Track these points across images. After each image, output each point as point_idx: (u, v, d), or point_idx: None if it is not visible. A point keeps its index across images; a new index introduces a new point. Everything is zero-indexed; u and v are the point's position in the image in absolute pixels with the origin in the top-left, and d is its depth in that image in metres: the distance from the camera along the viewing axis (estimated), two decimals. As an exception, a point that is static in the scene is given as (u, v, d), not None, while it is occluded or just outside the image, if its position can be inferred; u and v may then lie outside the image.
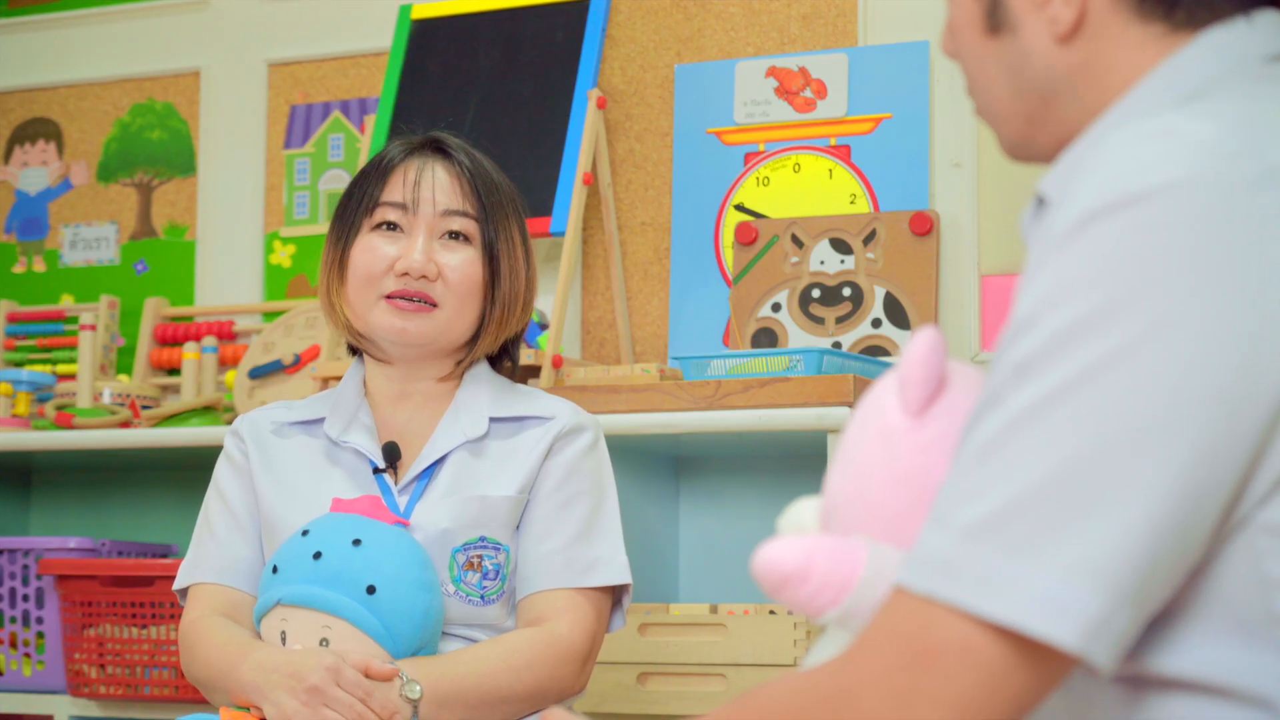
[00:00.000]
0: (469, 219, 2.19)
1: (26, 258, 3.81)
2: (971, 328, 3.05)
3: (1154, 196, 1.12)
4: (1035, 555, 1.11)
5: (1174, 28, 1.26)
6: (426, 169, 2.20)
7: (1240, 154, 1.14)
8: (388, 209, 2.19)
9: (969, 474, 1.15)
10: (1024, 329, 1.15)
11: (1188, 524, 1.12)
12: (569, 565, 2.15)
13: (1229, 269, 1.12)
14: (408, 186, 2.19)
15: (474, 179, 2.21)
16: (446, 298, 2.17)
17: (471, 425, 2.20)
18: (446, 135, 2.26)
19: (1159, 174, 1.13)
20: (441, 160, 2.22)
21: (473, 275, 2.18)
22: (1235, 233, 1.12)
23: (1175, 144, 1.15)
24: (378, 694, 1.98)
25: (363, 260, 2.18)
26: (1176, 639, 1.17)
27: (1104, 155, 1.17)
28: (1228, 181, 1.13)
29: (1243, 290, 1.12)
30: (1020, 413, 1.13)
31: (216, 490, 2.24)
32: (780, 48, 3.25)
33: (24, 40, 3.83)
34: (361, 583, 2.01)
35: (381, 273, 2.17)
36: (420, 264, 2.15)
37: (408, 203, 2.19)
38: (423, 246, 2.17)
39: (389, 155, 2.23)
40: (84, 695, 3.11)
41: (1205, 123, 1.16)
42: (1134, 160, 1.15)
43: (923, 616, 1.14)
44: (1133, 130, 1.18)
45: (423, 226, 2.18)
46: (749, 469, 3.08)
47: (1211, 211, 1.12)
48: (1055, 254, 1.15)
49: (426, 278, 2.16)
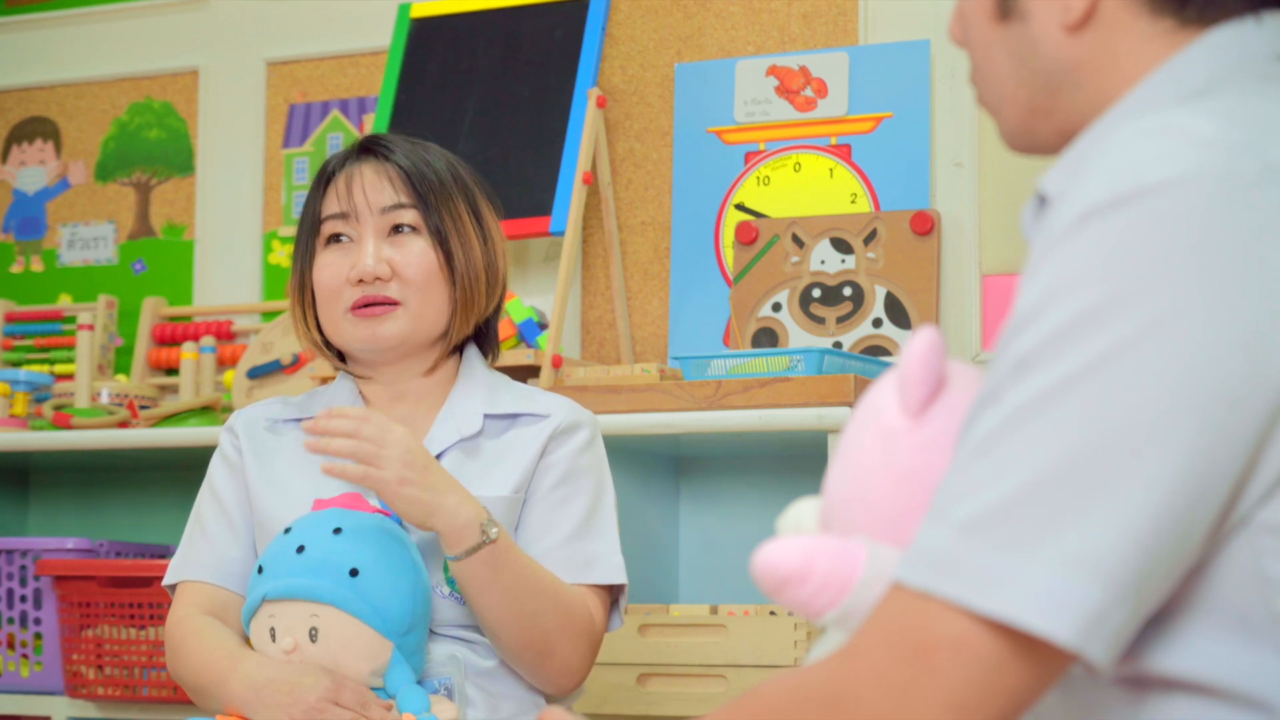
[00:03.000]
0: (409, 209, 2.18)
1: (24, 257, 3.80)
2: (972, 327, 3.04)
3: (1155, 192, 1.12)
4: (1032, 550, 1.11)
5: (1183, 23, 1.26)
6: (355, 173, 2.19)
7: (1242, 151, 1.14)
8: (331, 222, 2.19)
9: (967, 469, 1.15)
10: (1024, 324, 1.15)
11: (1186, 521, 1.12)
12: (570, 561, 2.14)
13: (1230, 266, 1.12)
14: (341, 196, 2.18)
15: (404, 169, 2.19)
16: (406, 293, 2.16)
17: (465, 422, 2.19)
18: (378, 135, 2.25)
19: (1160, 170, 1.13)
20: (368, 160, 2.20)
21: (426, 265, 2.17)
22: (1236, 230, 1.12)
23: (1177, 140, 1.15)
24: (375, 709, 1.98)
25: (322, 279, 2.18)
26: (1177, 639, 1.17)
27: (1106, 152, 1.17)
28: (1229, 178, 1.13)
29: (1244, 287, 1.12)
30: (1019, 408, 1.13)
31: (210, 487, 2.24)
32: (781, 46, 3.24)
33: (22, 39, 3.83)
34: (344, 567, 2.00)
35: (341, 286, 2.16)
36: (371, 267, 2.14)
37: (347, 210, 2.18)
38: (372, 250, 2.16)
39: (327, 168, 2.23)
40: (82, 696, 3.10)
41: (1207, 120, 1.17)
42: (1136, 156, 1.15)
43: (919, 612, 1.14)
44: (1134, 127, 1.18)
45: (368, 230, 2.17)
46: (749, 469, 3.08)
47: (1213, 208, 1.12)
48: (1057, 249, 1.15)
49: (381, 279, 2.15)
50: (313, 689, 1.96)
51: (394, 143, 2.22)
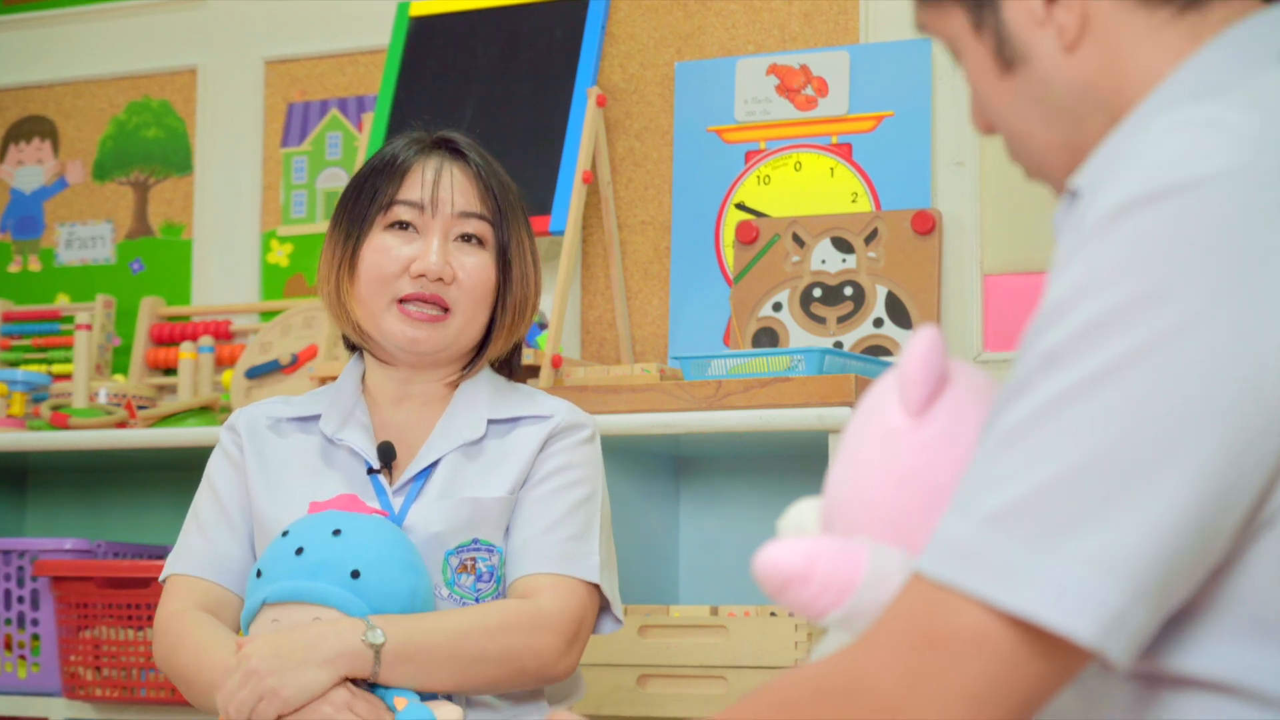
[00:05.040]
0: (484, 222, 2.17)
1: (22, 257, 3.80)
2: (974, 327, 3.04)
3: (1198, 187, 1.11)
4: (1055, 547, 1.10)
5: (1181, 10, 1.24)
6: (445, 169, 2.17)
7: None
8: (403, 208, 2.16)
9: (992, 461, 1.14)
10: (1055, 317, 1.14)
11: (1212, 521, 1.11)
12: (558, 550, 2.12)
13: (1265, 265, 1.10)
14: (425, 186, 2.16)
15: (489, 181, 2.19)
16: (460, 301, 2.15)
17: (469, 428, 2.18)
18: (457, 134, 2.23)
19: (1204, 164, 1.11)
20: (458, 161, 2.19)
21: (486, 280, 2.16)
22: (1274, 228, 1.10)
23: (1221, 134, 1.13)
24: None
25: (376, 260, 2.15)
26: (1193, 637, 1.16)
27: (1143, 145, 1.15)
28: (1271, 176, 1.11)
29: (1278, 287, 1.10)
30: (1047, 402, 1.12)
31: (209, 484, 2.23)
32: (781, 45, 3.23)
33: (19, 38, 3.83)
34: (345, 568, 1.99)
35: (395, 274, 2.14)
36: (438, 266, 2.13)
37: (425, 203, 2.16)
38: (439, 248, 2.14)
39: (400, 154, 2.19)
40: (79, 698, 3.10)
41: (1251, 113, 1.15)
42: (1176, 150, 1.13)
43: (938, 603, 1.13)
44: (1172, 120, 1.16)
45: (438, 228, 2.15)
46: (750, 469, 3.08)
47: (1257, 205, 1.11)
48: (1091, 243, 1.13)
49: (443, 280, 2.14)
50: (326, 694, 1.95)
51: (472, 148, 2.21)
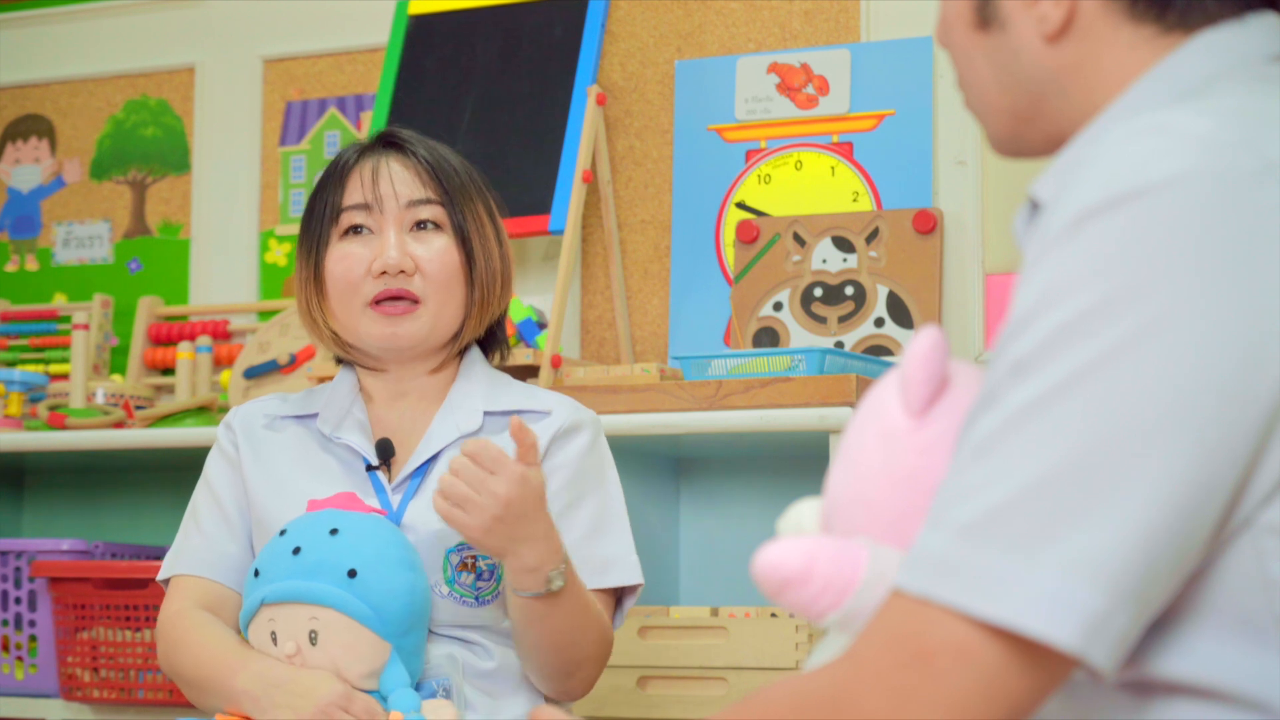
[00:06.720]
0: (435, 205, 2.17)
1: (19, 256, 3.80)
2: (975, 327, 3.03)
3: (1153, 192, 1.12)
4: (1033, 554, 1.10)
5: (1166, 30, 1.26)
6: (382, 165, 2.18)
7: (1239, 148, 1.14)
8: (352, 213, 2.17)
9: (965, 472, 1.15)
10: (1022, 327, 1.15)
11: (1189, 522, 1.11)
12: (583, 567, 2.13)
13: (1229, 265, 1.11)
14: (366, 185, 2.17)
15: (431, 165, 2.18)
16: (427, 290, 2.15)
17: (465, 420, 2.18)
18: (398, 130, 2.24)
19: (1158, 169, 1.12)
20: (395, 154, 2.19)
21: (450, 263, 2.16)
22: (1236, 227, 1.11)
23: (1173, 139, 1.14)
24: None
25: (339, 269, 2.16)
26: (1180, 642, 1.16)
27: (1101, 152, 1.17)
28: (1228, 175, 1.12)
29: (1243, 286, 1.11)
30: (1018, 411, 1.13)
31: (206, 483, 2.23)
32: (782, 43, 3.23)
33: (16, 36, 3.82)
34: (342, 568, 1.99)
35: (360, 278, 2.15)
36: (396, 259, 2.13)
37: (370, 201, 2.16)
38: (395, 242, 2.14)
39: (343, 159, 2.21)
40: (77, 699, 3.09)
41: (1202, 118, 1.16)
42: (1132, 156, 1.14)
43: (919, 618, 1.13)
44: (1129, 127, 1.18)
45: (390, 222, 2.16)
46: (750, 470, 3.07)
47: (1211, 206, 1.11)
48: (1053, 251, 1.14)
49: (405, 272, 2.14)
50: (326, 694, 1.96)
51: (415, 139, 2.21)
